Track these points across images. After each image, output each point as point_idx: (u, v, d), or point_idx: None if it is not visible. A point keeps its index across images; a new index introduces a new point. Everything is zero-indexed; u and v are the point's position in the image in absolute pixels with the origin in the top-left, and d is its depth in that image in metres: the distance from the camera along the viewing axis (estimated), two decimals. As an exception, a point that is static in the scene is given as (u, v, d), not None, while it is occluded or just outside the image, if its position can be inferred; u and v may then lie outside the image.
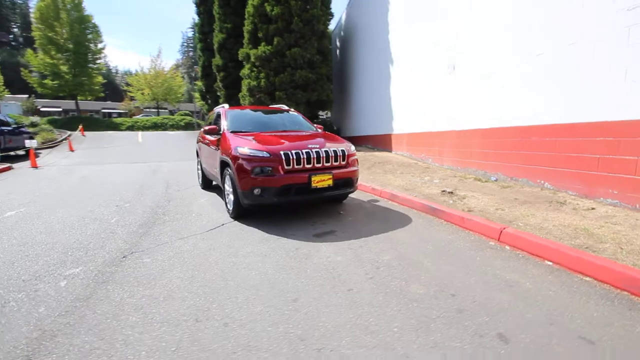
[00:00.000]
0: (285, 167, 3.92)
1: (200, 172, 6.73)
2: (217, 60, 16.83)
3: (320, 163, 4.10)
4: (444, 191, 5.37)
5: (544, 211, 4.02)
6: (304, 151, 4.01)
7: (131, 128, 32.68)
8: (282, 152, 3.93)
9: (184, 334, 1.92)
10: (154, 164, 11.21)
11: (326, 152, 4.14)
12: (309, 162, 4.02)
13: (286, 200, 4.00)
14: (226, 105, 5.75)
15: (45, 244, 3.56)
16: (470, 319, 2.01)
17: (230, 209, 4.45)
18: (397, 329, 1.92)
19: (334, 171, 4.15)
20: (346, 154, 4.33)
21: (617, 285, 2.32)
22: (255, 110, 5.80)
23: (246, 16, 14.32)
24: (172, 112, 44.91)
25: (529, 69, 5.16)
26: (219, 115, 5.65)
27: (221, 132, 4.92)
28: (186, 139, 22.39)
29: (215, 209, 4.96)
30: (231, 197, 4.42)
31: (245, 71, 14.19)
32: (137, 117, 39.40)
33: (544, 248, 2.85)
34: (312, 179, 3.97)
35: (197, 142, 6.87)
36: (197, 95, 45.29)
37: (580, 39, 4.37)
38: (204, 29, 19.18)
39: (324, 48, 13.98)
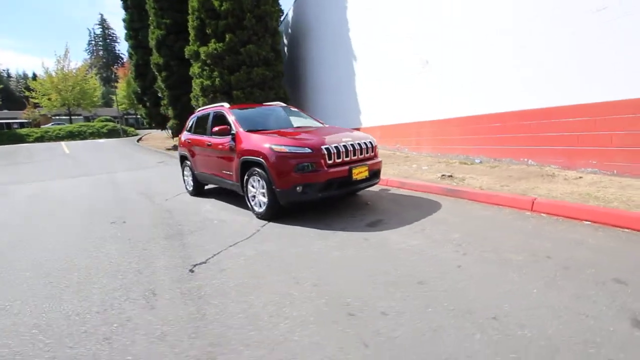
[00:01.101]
0: (328, 161, 3.92)
1: (190, 178, 6.24)
2: (156, 58, 15.43)
3: (356, 155, 4.18)
4: (443, 175, 5.84)
5: (543, 183, 4.68)
6: (341, 145, 4.05)
7: (41, 139, 28.35)
8: (323, 147, 3.92)
9: (366, 329, 1.89)
10: (104, 176, 10.00)
11: (359, 144, 4.22)
12: (347, 156, 4.07)
13: (328, 195, 4.01)
14: (226, 104, 5.44)
15: (82, 282, 3.04)
16: (581, 272, 2.33)
17: (260, 210, 4.27)
18: (537, 289, 2.15)
19: (368, 162, 4.27)
20: (374, 145, 4.48)
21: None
22: (257, 108, 5.58)
23: (190, 11, 13.44)
24: (88, 119, 39.84)
25: (507, 61, 5.88)
26: (218, 116, 5.34)
27: (234, 133, 4.67)
28: (122, 146, 20.27)
29: (234, 214, 4.70)
30: (261, 198, 4.25)
31: (195, 70, 13.34)
32: (47, 126, 34.23)
33: (579, 210, 3.37)
34: (353, 171, 4.04)
35: (183, 147, 6.34)
36: (117, 98, 41.07)
37: (556, 32, 5.15)
38: (134, 24, 17.36)
39: (277, 45, 13.84)
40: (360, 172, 4.11)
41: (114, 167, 11.98)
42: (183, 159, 6.50)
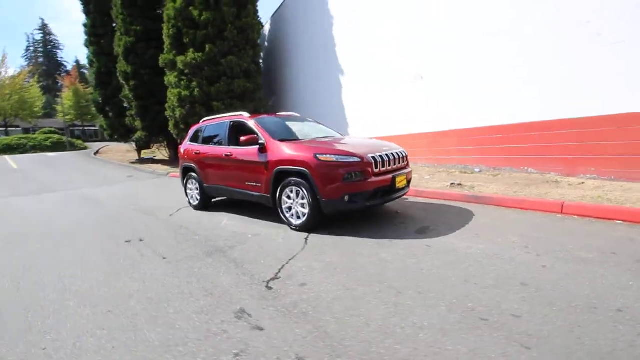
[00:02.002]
0: (374, 170, 3.92)
1: (197, 191, 5.86)
2: (123, 66, 14.46)
3: (395, 164, 4.23)
4: (452, 184, 6.11)
5: (552, 189, 5.08)
6: (384, 154, 4.08)
7: (-28, 153, 25.05)
8: (369, 156, 3.92)
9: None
10: (72, 192, 9.06)
11: (397, 153, 4.29)
12: (389, 164, 4.11)
13: (374, 204, 4.00)
14: (245, 114, 5.24)
15: (149, 308, 2.67)
16: (654, 266, 2.56)
17: (299, 222, 4.11)
18: (631, 281, 2.31)
19: (405, 171, 4.35)
20: (407, 154, 4.57)
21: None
22: (276, 118, 5.43)
23: (165, 20, 12.92)
24: (28, 130, 35.92)
25: (506, 78, 6.38)
26: (237, 125, 5.15)
27: (262, 143, 4.51)
28: (78, 161, 18.57)
29: (263, 227, 4.48)
30: (299, 209, 4.11)
31: (171, 79, 12.73)
32: (-23, 138, 30.22)
33: (609, 211, 3.71)
34: (396, 180, 4.08)
35: (188, 159, 5.96)
36: (63, 108, 37.61)
37: (556, 53, 5.72)
38: (96, 30, 16.15)
39: (258, 58, 13.73)
40: (401, 181, 4.17)
41: (78, 183, 10.89)
42: (187, 171, 6.10)
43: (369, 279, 2.68)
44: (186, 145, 6.19)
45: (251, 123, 4.87)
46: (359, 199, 3.85)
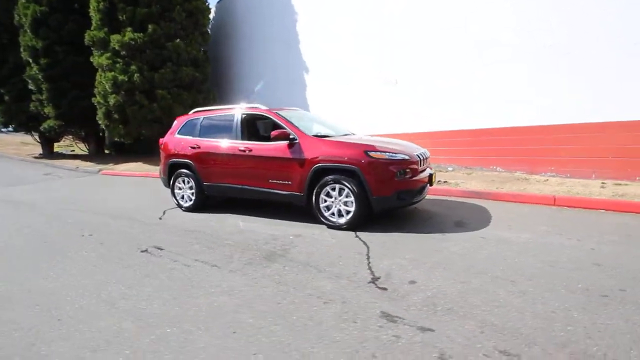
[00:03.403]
0: (419, 167, 4.06)
1: (191, 190, 5.19)
2: (29, 40, 11.72)
3: (426, 163, 4.44)
4: (439, 181, 6.67)
5: (527, 185, 5.95)
6: (420, 153, 4.26)
7: None
8: (415, 154, 4.05)
9: None
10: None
11: (426, 153, 4.51)
12: (424, 163, 4.30)
13: (418, 201, 4.14)
14: (261, 106, 4.83)
15: (258, 325, 2.28)
16: (665, 244, 3.26)
17: (343, 221, 4.00)
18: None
19: (432, 170, 4.60)
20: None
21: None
22: (294, 112, 5.11)
23: (94, -11, 11.00)
24: None
25: (478, 84, 7.20)
26: (254, 118, 4.80)
27: (294, 138, 4.26)
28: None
29: (294, 227, 4.23)
30: (342, 207, 4.01)
31: (102, 61, 10.89)
32: None
33: (594, 202, 4.56)
34: (432, 177, 4.29)
35: (180, 155, 5.22)
36: None
37: (514, 66, 6.68)
38: (-18, -10, 12.74)
39: (206, 46, 12.68)
40: (433, 179, 4.41)
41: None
42: (176, 168, 5.35)
43: (467, 271, 2.80)
44: (174, 139, 5.43)
45: (276, 116, 4.55)
46: (407, 196, 3.95)
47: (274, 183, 4.43)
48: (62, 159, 13.16)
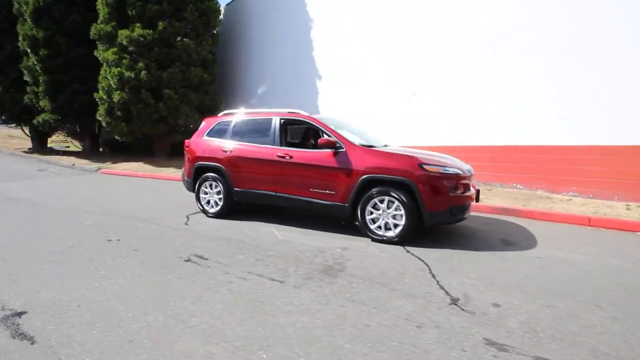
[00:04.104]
0: (470, 183, 3.99)
1: (218, 196, 4.95)
2: (29, 29, 11.19)
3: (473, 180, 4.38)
4: (461, 196, 6.64)
5: (552, 204, 5.98)
6: (468, 168, 4.20)
7: None
8: (466, 169, 3.97)
9: None
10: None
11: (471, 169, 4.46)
12: (471, 179, 4.23)
13: (467, 216, 4.05)
14: (301, 111, 4.67)
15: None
16: None
17: (390, 234, 3.85)
18: None
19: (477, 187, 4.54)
20: None
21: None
22: (333, 119, 4.98)
23: (103, -18, 10.67)
24: None
25: (498, 104, 7.27)
26: (293, 123, 4.64)
27: (340, 146, 4.12)
28: None
29: (335, 239, 4.07)
30: (390, 220, 3.87)
31: (108, 55, 10.51)
32: None
33: (631, 224, 4.59)
34: (479, 194, 4.23)
35: (206, 158, 5.01)
36: None
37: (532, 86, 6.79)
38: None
39: (216, 47, 12.46)
40: (479, 195, 4.35)
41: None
42: (203, 171, 5.10)
43: (546, 294, 2.69)
44: (202, 141, 5.19)
45: (319, 123, 4.41)
46: (459, 212, 3.85)
47: (316, 192, 4.26)
48: (54, 155, 12.52)
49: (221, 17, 12.21)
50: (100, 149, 14.60)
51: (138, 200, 6.57)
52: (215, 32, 12.19)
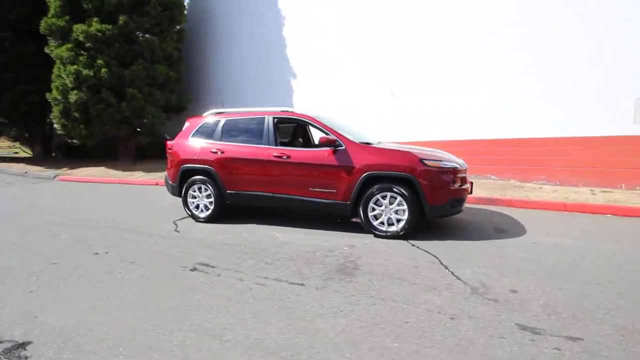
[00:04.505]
0: (466, 176, 4.14)
1: (208, 199, 4.73)
2: (-38, 22, 9.93)
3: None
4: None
5: (525, 192, 6.40)
6: (463, 162, 4.35)
7: None
8: (462, 163, 4.11)
9: None
10: None
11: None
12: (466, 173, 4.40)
13: (463, 209, 4.20)
14: (295, 110, 4.57)
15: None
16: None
17: (393, 230, 3.91)
18: None
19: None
20: None
21: None
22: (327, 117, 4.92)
23: (52, -28, 9.74)
24: None
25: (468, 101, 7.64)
26: (287, 122, 4.51)
27: (339, 144, 4.10)
28: None
29: (339, 237, 4.06)
30: (392, 216, 3.92)
31: (63, 52, 9.64)
32: None
33: (600, 208, 5.02)
34: (472, 186, 4.40)
35: (193, 160, 4.76)
36: None
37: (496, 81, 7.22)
38: None
39: (182, 44, 11.87)
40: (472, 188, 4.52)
41: None
42: (190, 174, 4.83)
43: (556, 278, 2.85)
44: (187, 142, 4.91)
45: (315, 121, 4.34)
46: (457, 205, 4.00)
47: (316, 191, 4.21)
48: (1, 163, 11.25)
49: (186, 12, 11.63)
50: (53, 154, 13.36)
51: (112, 208, 6.10)
52: (180, 27, 11.62)
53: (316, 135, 6.13)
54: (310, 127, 5.63)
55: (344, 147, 4.10)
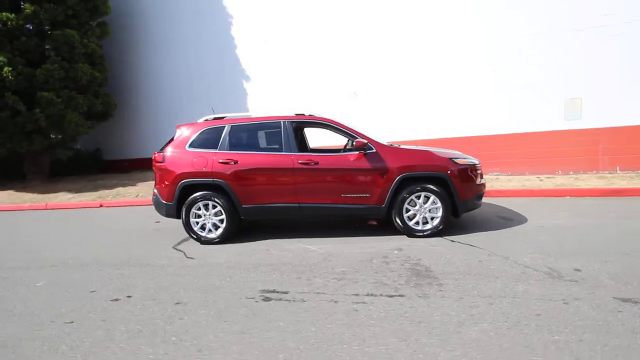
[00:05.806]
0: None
1: (217, 218, 4.16)
2: None
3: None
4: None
5: (490, 182, 7.22)
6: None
7: None
8: (477, 160, 4.42)
9: None
10: None
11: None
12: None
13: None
14: (314, 114, 4.29)
15: None
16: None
17: (428, 228, 4.02)
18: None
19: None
20: None
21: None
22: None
23: None
24: None
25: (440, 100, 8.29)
26: (305, 126, 4.27)
27: (370, 147, 4.03)
28: None
29: (379, 242, 4.01)
30: (427, 215, 4.03)
31: (-58, 45, 7.33)
32: None
33: (561, 191, 5.97)
34: (483, 181, 4.78)
35: (197, 174, 4.12)
36: None
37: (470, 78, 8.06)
38: None
39: (106, 39, 10.20)
40: (480, 182, 4.91)
41: None
42: (193, 190, 4.17)
43: (593, 253, 3.26)
44: (185, 153, 4.23)
45: (340, 125, 4.18)
46: (480, 198, 4.30)
47: (349, 197, 4.05)
48: None
49: (109, 3, 10.02)
50: None
51: (69, 242, 4.90)
52: (103, 20, 9.96)
53: (318, 139, 5.95)
54: (307, 131, 5.44)
55: (374, 150, 4.04)
